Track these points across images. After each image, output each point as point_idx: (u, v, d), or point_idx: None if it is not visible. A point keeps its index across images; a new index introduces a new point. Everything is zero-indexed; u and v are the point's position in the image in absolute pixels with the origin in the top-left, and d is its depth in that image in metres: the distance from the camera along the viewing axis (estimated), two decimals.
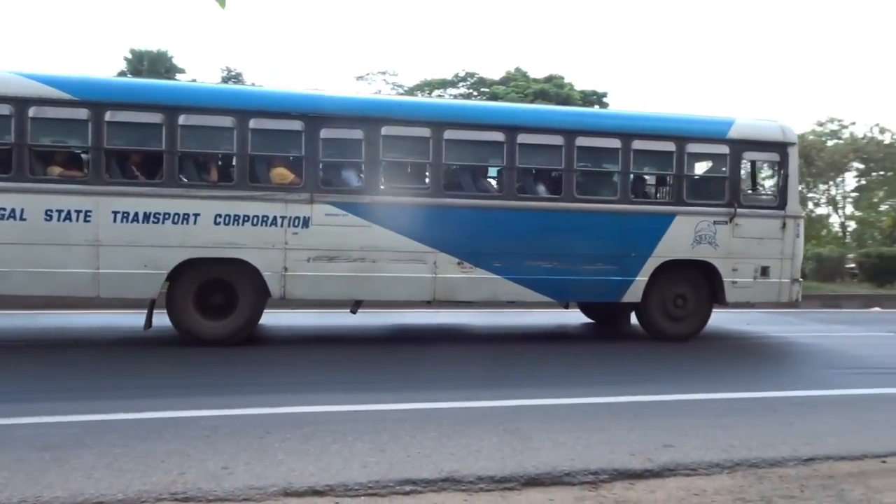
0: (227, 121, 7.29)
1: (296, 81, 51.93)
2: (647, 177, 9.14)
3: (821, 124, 33.76)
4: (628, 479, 3.51)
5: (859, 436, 4.34)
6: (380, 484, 3.31)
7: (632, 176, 8.39)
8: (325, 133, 7.48)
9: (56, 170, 7.13)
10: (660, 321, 8.60)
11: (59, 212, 6.91)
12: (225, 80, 29.63)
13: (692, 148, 8.48)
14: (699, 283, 8.62)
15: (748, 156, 8.88)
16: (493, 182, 8.43)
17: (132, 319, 8.51)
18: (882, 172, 32.10)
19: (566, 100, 29.36)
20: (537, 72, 35.61)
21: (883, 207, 31.08)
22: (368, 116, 7.61)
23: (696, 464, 3.72)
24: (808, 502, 3.20)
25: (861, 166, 32.11)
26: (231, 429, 4.15)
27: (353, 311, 8.42)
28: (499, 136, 7.91)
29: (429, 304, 8.32)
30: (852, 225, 33.72)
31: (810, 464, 3.76)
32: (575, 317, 10.59)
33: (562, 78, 33.91)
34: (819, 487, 3.39)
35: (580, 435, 4.19)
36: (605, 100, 33.81)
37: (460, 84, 35.32)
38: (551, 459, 3.72)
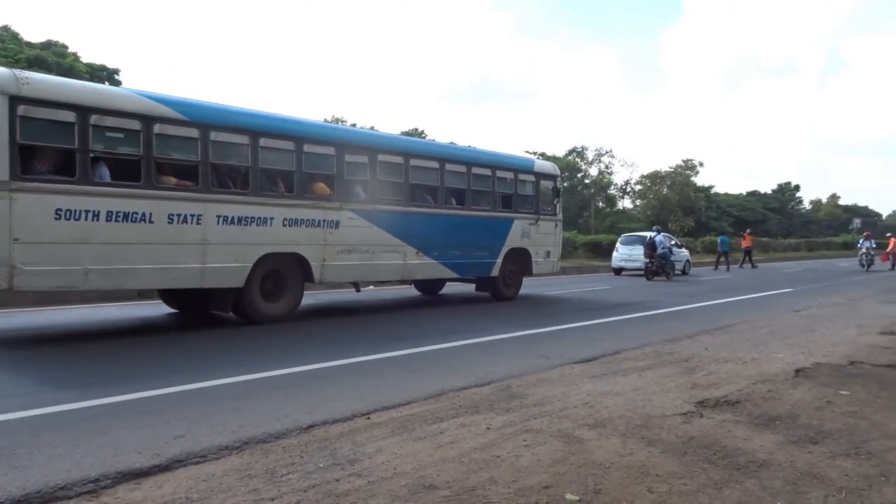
0: (290, 144, 9.25)
1: None
2: (501, 194, 12.95)
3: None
4: (134, 479, 3.34)
5: (351, 399, 4.97)
6: None
7: (497, 194, 12.69)
8: (347, 157, 9.94)
9: (172, 180, 8.14)
10: (502, 288, 12.93)
11: (179, 216, 8.04)
12: None
13: (521, 177, 13.17)
14: (519, 261, 13.14)
15: (542, 183, 13.67)
16: (431, 196, 11.51)
17: None
18: None
19: (69, 71, 26.28)
20: (32, 35, 31.14)
21: None
22: (370, 146, 10.44)
23: (207, 450, 3.75)
24: (306, 466, 3.52)
25: None
26: None
27: (358, 290, 11.45)
28: (435, 165, 11.45)
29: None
30: None
31: (310, 431, 4.15)
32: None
33: (64, 46, 30.29)
34: (316, 451, 3.77)
35: (79, 442, 3.83)
36: (117, 77, 31.40)
37: None
38: (43, 475, 3.31)
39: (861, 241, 29.61)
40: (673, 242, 24.27)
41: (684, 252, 25.35)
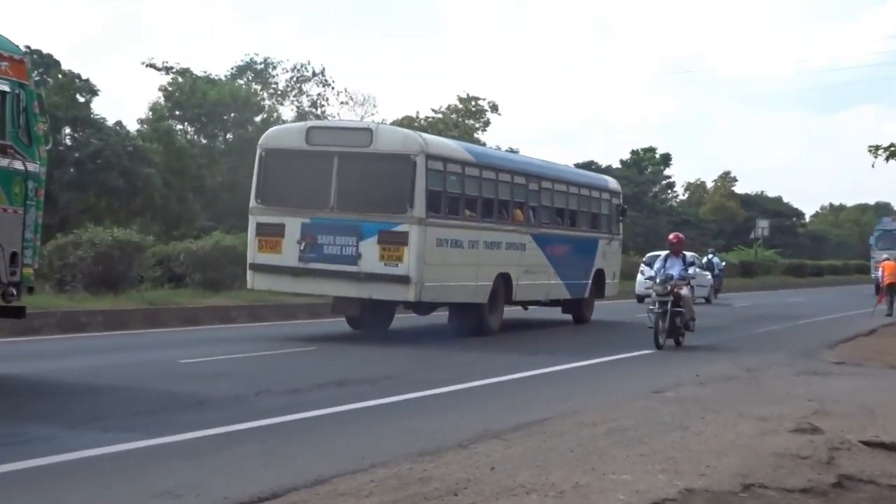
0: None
1: None
2: (591, 213, 13.67)
3: None
4: None
5: None
6: None
7: (590, 213, 13.91)
8: (531, 186, 12.39)
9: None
10: (584, 309, 13.06)
11: (472, 242, 10.87)
12: None
13: (603, 195, 13.77)
14: (596, 283, 13.05)
15: (613, 200, 13.94)
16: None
17: None
18: None
19: None
20: None
21: None
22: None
23: None
24: None
25: None
26: None
27: (525, 308, 13.04)
28: (564, 187, 13.87)
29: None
30: None
31: None
32: None
33: None
34: None
35: None
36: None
37: None
38: None
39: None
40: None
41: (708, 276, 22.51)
